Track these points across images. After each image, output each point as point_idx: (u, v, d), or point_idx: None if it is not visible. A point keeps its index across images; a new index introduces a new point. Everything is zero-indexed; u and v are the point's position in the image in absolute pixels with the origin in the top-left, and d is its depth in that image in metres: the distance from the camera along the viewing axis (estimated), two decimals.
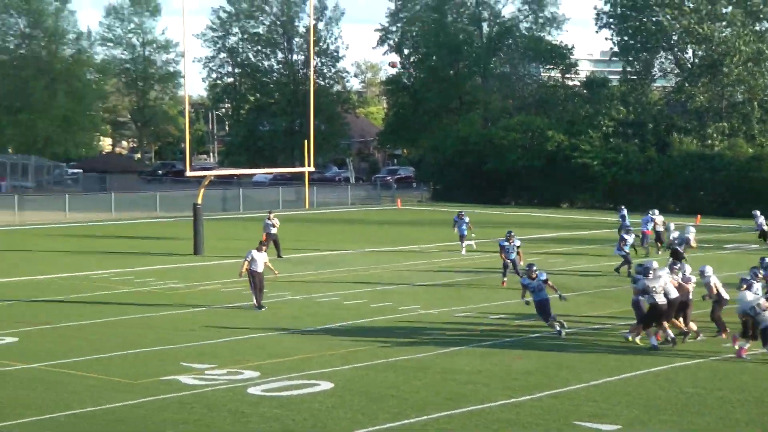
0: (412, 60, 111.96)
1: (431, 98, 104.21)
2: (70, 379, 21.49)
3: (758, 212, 50.37)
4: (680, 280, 25.70)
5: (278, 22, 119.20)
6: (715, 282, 25.98)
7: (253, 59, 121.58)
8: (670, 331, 24.96)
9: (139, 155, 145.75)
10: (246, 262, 30.36)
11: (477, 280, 37.05)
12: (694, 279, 26.30)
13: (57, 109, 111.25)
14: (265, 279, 31.02)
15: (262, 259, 30.41)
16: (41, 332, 27.06)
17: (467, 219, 46.00)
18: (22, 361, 23.23)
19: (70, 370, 22.27)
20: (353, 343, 25.12)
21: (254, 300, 30.41)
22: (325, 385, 20.82)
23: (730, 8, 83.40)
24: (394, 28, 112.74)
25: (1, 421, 18.29)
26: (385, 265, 41.36)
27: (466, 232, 45.50)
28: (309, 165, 54.59)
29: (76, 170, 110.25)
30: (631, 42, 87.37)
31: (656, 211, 46.62)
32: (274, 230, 43.56)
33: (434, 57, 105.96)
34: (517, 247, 35.69)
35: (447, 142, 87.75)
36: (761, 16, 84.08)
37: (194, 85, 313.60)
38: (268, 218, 44.22)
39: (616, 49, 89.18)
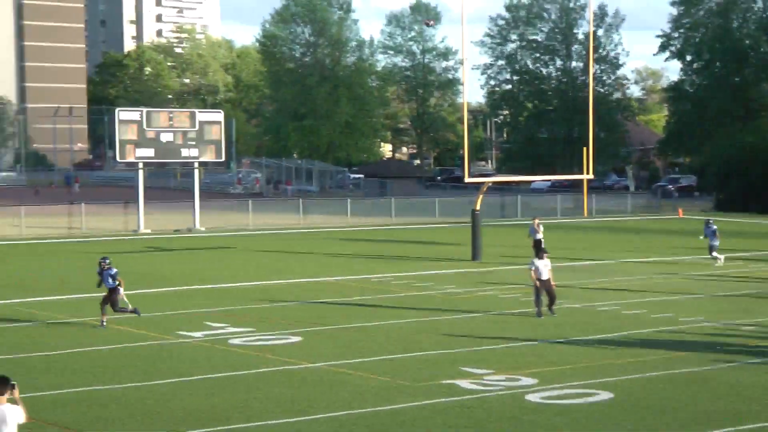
0: (695, 66, 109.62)
1: (715, 105, 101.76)
2: (351, 379, 21.89)
3: None
4: None
5: (557, 29, 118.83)
6: None
7: (531, 66, 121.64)
8: None
9: (418, 161, 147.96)
10: (533, 271, 30.20)
11: (765, 292, 35.77)
12: None
13: (339, 115, 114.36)
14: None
15: (545, 266, 30.22)
16: (324, 333, 27.70)
17: (715, 227, 44.44)
18: (307, 360, 23.84)
19: (351, 371, 22.69)
20: (633, 353, 24.66)
21: (536, 307, 30.23)
22: (605, 395, 20.49)
23: None
24: (676, 34, 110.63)
25: (286, 417, 18.80)
26: (665, 275, 40.52)
27: (717, 242, 43.85)
28: (588, 172, 54.19)
29: (357, 175, 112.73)
30: None
31: None
32: (539, 236, 43.47)
33: (718, 63, 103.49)
34: None
35: (732, 151, 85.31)
36: None
37: (473, 92, 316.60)
38: (534, 224, 44.22)
39: None
